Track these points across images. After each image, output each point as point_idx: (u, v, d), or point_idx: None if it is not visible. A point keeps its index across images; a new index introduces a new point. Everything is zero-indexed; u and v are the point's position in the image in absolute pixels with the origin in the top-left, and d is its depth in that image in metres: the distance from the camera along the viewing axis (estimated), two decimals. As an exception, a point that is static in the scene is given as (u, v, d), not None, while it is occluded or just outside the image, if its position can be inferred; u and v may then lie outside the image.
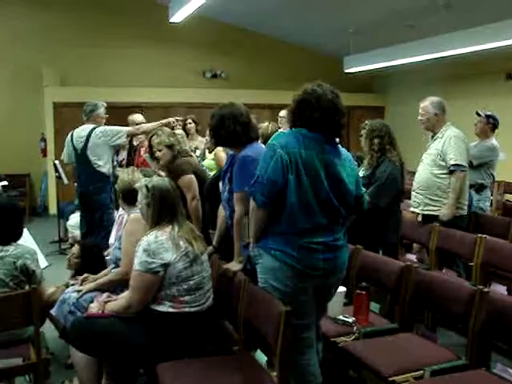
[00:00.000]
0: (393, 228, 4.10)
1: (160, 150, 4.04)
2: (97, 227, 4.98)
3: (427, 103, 4.33)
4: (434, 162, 4.25)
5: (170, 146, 3.99)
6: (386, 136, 4.09)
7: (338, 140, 2.63)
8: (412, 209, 4.50)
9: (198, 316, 2.73)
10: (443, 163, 4.20)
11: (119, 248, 3.17)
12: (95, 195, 5.01)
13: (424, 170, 4.34)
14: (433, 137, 4.38)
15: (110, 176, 5.06)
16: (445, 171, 4.20)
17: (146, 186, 2.83)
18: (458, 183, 4.14)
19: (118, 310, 2.74)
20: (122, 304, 2.74)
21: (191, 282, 2.71)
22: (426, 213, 4.34)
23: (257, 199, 2.49)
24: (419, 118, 4.38)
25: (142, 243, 2.68)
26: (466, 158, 4.24)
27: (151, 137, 4.19)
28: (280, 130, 5.63)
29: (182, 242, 2.71)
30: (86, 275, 3.31)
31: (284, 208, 2.47)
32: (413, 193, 4.44)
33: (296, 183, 2.44)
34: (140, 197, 2.86)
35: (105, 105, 5.27)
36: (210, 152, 5.69)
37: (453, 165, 4.13)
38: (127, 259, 2.98)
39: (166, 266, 2.65)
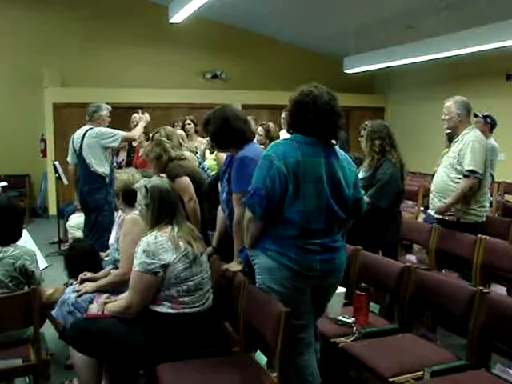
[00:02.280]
0: (392, 229, 4.09)
1: (151, 162, 4.08)
2: (94, 228, 4.99)
3: (451, 103, 4.14)
4: (452, 166, 4.10)
5: (157, 158, 4.01)
6: (387, 137, 4.08)
7: (334, 142, 2.61)
8: (429, 211, 4.43)
9: (197, 317, 2.72)
10: (460, 167, 4.04)
11: (117, 249, 3.17)
12: (89, 196, 5.02)
13: (441, 173, 4.20)
14: (452, 139, 4.25)
15: (106, 177, 5.05)
16: (461, 176, 4.03)
17: (146, 187, 2.82)
18: (466, 187, 3.97)
19: (117, 310, 2.73)
20: (121, 304, 2.74)
21: (191, 283, 2.71)
22: (438, 216, 4.23)
23: (256, 212, 2.48)
24: (442, 117, 4.21)
25: (142, 244, 2.68)
26: (483, 164, 4.02)
27: (154, 135, 4.19)
28: (282, 132, 5.66)
29: (181, 243, 2.71)
30: (85, 273, 3.30)
31: (282, 214, 2.47)
32: (431, 195, 4.34)
33: (295, 192, 2.43)
34: (139, 197, 2.85)
35: (109, 108, 5.28)
36: (211, 152, 5.68)
37: (467, 170, 3.97)
38: (125, 260, 2.98)
39: (165, 266, 2.65)
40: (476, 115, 5.26)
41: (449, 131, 4.36)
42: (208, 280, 2.84)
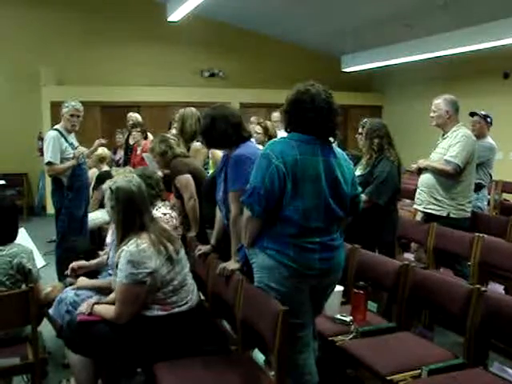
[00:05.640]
0: (389, 227, 4.10)
1: (154, 157, 4.10)
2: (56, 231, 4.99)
3: (440, 100, 4.26)
4: (440, 161, 4.20)
5: (162, 154, 4.03)
6: (385, 136, 4.10)
7: (332, 140, 2.61)
8: (415, 206, 4.47)
9: (189, 314, 2.71)
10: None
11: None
12: (51, 197, 5.03)
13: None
14: (443, 135, 4.32)
15: (61, 179, 4.89)
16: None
17: (110, 188, 2.71)
18: (444, 170, 4.12)
19: (106, 318, 2.66)
20: (110, 315, 2.65)
21: (175, 283, 2.68)
22: (427, 211, 4.30)
23: (254, 210, 2.47)
24: (431, 114, 4.31)
25: (124, 254, 2.58)
26: (466, 160, 4.10)
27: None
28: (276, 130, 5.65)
29: (161, 247, 2.65)
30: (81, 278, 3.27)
31: (280, 213, 2.46)
32: (418, 190, 4.41)
33: (294, 191, 2.43)
34: (105, 199, 2.75)
35: (75, 105, 4.89)
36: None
37: (450, 156, 4.10)
38: None
39: (151, 274, 2.58)
40: (473, 114, 5.26)
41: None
42: (188, 273, 2.80)
